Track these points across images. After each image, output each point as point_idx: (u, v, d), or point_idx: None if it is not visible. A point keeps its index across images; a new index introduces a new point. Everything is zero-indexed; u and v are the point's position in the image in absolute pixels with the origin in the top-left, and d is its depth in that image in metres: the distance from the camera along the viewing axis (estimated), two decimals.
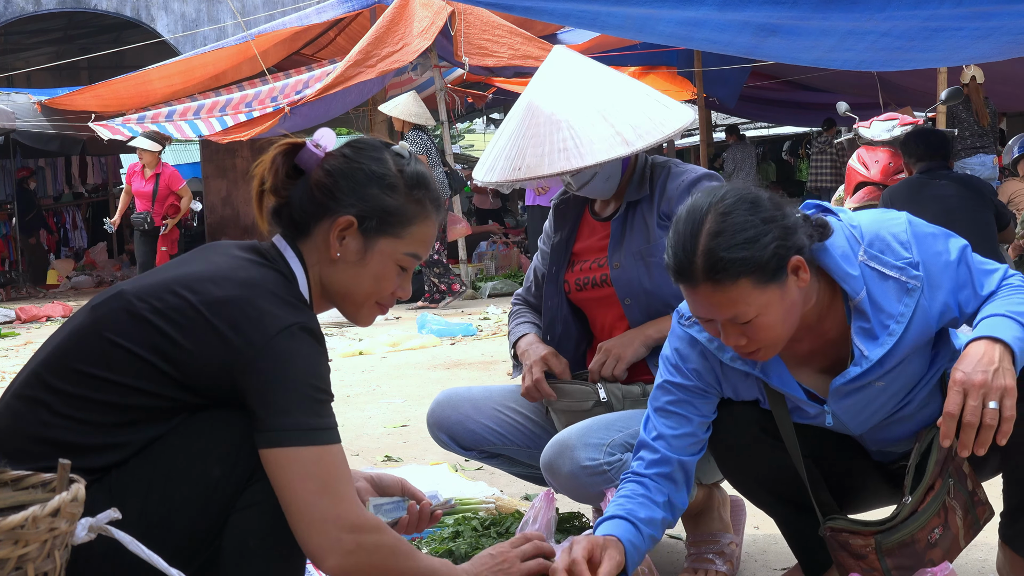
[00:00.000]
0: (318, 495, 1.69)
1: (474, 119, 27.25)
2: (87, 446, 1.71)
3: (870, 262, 2.02)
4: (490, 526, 2.72)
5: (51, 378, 1.74)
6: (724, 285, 1.91)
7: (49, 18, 18.06)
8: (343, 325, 8.94)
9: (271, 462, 1.71)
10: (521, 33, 10.91)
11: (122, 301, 1.77)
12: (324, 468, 1.71)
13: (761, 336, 1.97)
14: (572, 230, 2.76)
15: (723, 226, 1.92)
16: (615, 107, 2.56)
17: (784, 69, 13.79)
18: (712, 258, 1.90)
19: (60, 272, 16.95)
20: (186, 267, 1.85)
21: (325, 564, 1.71)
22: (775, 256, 1.92)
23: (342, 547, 1.70)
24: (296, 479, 1.69)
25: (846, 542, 2.10)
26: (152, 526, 1.68)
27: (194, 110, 11.66)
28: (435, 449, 4.20)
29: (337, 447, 1.74)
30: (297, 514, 1.70)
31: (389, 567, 1.76)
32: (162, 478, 1.71)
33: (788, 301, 1.96)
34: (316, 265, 1.93)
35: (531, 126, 2.56)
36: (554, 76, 2.65)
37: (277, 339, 1.72)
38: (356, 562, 1.72)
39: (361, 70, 10.46)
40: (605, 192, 2.66)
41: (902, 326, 2.01)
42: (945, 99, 8.03)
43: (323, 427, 1.73)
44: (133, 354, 1.72)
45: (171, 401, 1.74)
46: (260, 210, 1.96)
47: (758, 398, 2.18)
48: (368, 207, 1.89)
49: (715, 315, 1.97)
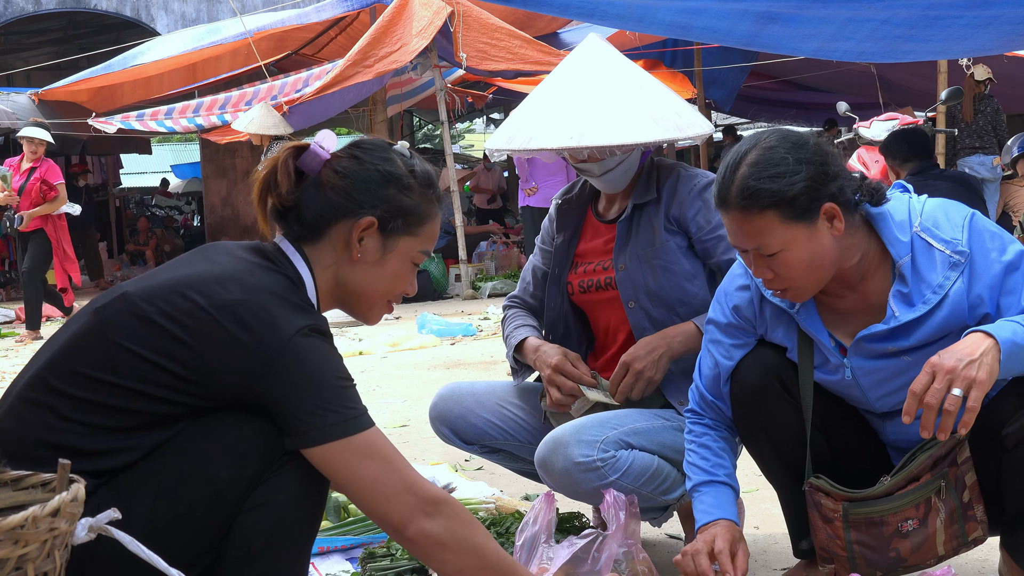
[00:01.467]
0: (386, 472, 1.74)
1: (474, 119, 27.27)
2: (93, 450, 1.70)
3: (921, 233, 2.08)
4: (490, 526, 2.72)
5: (56, 382, 1.72)
6: (751, 213, 2.02)
7: (49, 18, 18.06)
8: (343, 325, 8.94)
9: (325, 458, 1.73)
10: (520, 35, 10.89)
11: (127, 303, 1.75)
12: (380, 448, 1.75)
13: (785, 272, 2.05)
14: (575, 231, 2.75)
15: (761, 158, 2.04)
16: (659, 94, 2.62)
17: (784, 68, 13.79)
18: (743, 185, 2.02)
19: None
20: (190, 268, 1.83)
21: (409, 530, 1.76)
22: (804, 195, 2.01)
23: (423, 511, 1.75)
24: (360, 465, 1.73)
25: (819, 502, 2.14)
26: (160, 528, 1.67)
27: (193, 107, 11.66)
28: (435, 449, 4.20)
29: (377, 428, 1.78)
30: (370, 495, 1.74)
31: (464, 534, 1.80)
32: (171, 481, 1.70)
33: (817, 245, 2.03)
34: (331, 267, 1.93)
35: (584, 97, 2.58)
36: (597, 57, 2.68)
37: (293, 341, 1.72)
38: (438, 526, 1.76)
39: (359, 70, 10.45)
40: (619, 185, 2.66)
41: (938, 296, 2.05)
42: (945, 99, 8.04)
43: (362, 412, 1.76)
44: (141, 357, 1.71)
45: (178, 406, 1.73)
46: (264, 214, 1.96)
47: (788, 346, 2.23)
48: (389, 208, 1.91)
49: (743, 243, 2.07)
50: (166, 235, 20.37)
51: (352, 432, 1.73)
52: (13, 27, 17.89)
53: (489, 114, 22.39)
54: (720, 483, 2.29)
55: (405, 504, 1.75)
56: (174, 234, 21.24)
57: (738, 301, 2.27)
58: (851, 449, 2.25)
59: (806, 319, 2.18)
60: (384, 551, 2.65)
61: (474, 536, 1.82)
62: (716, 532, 2.20)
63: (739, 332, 2.27)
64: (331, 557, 2.78)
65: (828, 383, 2.21)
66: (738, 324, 2.27)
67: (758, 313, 2.25)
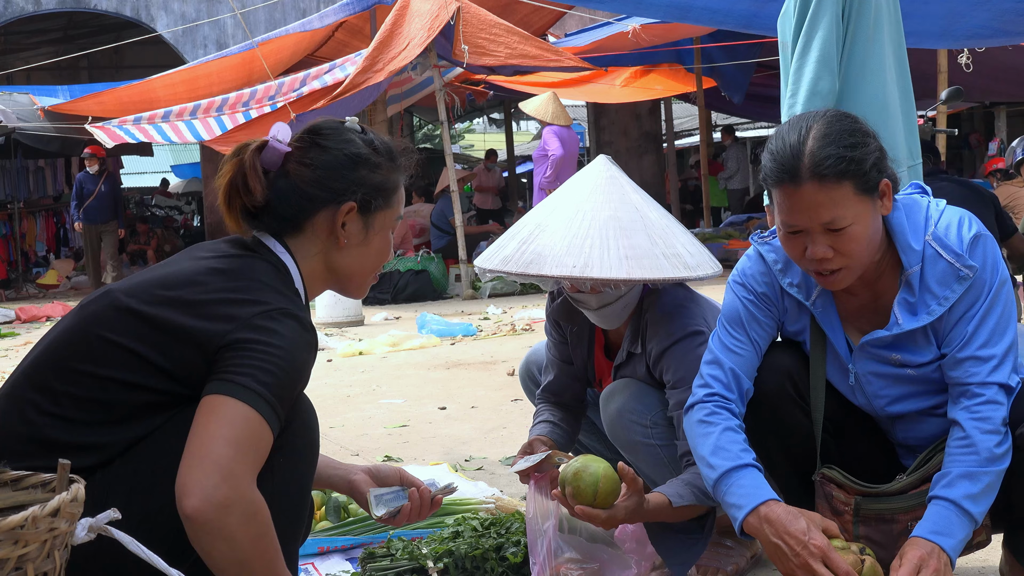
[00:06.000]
0: (225, 444, 1.64)
1: (474, 119, 27.27)
2: (72, 444, 1.71)
3: (933, 242, 2.06)
4: (490, 526, 2.72)
5: (37, 376, 1.76)
6: (829, 184, 1.95)
7: (49, 18, 18.07)
8: (343, 325, 8.95)
9: (204, 405, 1.68)
10: (519, 32, 10.91)
11: (110, 298, 1.79)
12: (248, 431, 1.66)
13: (849, 248, 1.99)
14: (588, 361, 2.73)
15: (831, 129, 1.99)
16: (669, 227, 2.49)
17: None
18: (821, 155, 1.96)
19: (60, 272, 16.94)
20: (175, 265, 1.87)
21: (186, 501, 1.61)
22: (874, 168, 1.99)
23: (214, 495, 1.61)
24: (216, 422, 1.65)
25: (830, 494, 2.14)
26: (138, 525, 1.66)
27: (190, 110, 11.63)
28: (435, 449, 4.20)
29: (270, 434, 1.70)
30: (195, 448, 1.64)
31: (244, 543, 1.64)
32: (147, 476, 1.71)
33: (876, 222, 2.03)
34: (317, 255, 1.94)
35: (591, 226, 2.41)
36: (605, 183, 2.51)
37: (260, 318, 1.74)
38: (216, 516, 1.61)
39: (369, 75, 10.49)
40: (615, 322, 2.56)
41: (943, 308, 2.04)
42: (945, 99, 8.02)
43: (272, 407, 1.70)
44: (117, 344, 1.73)
45: (155, 394, 1.74)
46: (235, 219, 1.95)
47: (803, 340, 2.21)
48: (366, 189, 1.94)
49: (812, 219, 1.98)
50: (166, 235, 20.37)
51: (246, 402, 1.67)
52: (13, 27, 17.90)
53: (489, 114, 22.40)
54: (752, 467, 2.09)
55: (206, 477, 1.62)
56: (174, 234, 21.24)
57: (761, 287, 2.21)
58: (859, 447, 2.24)
59: (823, 315, 2.16)
60: (384, 551, 2.65)
61: (254, 550, 1.66)
62: (811, 518, 2.02)
63: (767, 313, 2.22)
64: (331, 557, 2.78)
65: (835, 384, 2.20)
66: (762, 307, 2.22)
67: (779, 298, 2.22)
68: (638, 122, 16.57)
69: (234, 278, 1.80)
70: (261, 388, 1.69)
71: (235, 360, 1.70)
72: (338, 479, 2.19)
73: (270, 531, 1.68)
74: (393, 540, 2.69)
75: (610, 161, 2.58)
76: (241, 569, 1.65)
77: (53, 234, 19.88)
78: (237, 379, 1.69)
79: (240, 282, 1.79)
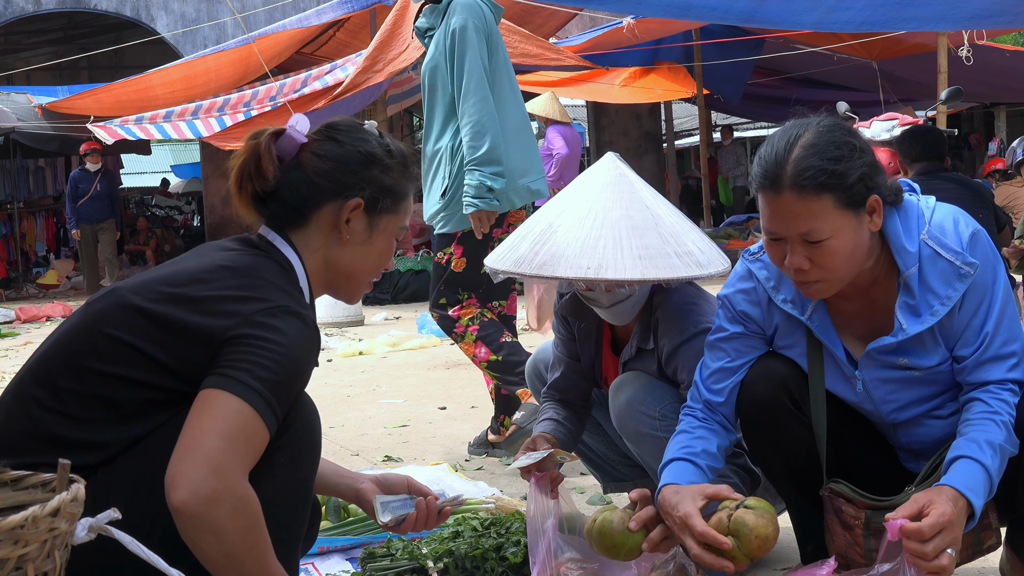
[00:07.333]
0: (217, 437, 1.63)
1: None
2: (75, 441, 1.71)
3: (929, 241, 2.04)
4: (490, 526, 2.72)
5: (42, 373, 1.76)
6: (807, 196, 1.93)
7: (49, 18, 18.05)
8: (343, 325, 8.95)
9: (199, 399, 1.68)
10: (519, 31, 10.90)
11: (116, 296, 1.80)
12: (241, 425, 1.66)
13: (826, 262, 1.98)
14: (596, 359, 2.74)
15: (820, 139, 1.96)
16: (680, 225, 2.49)
17: (786, 64, 13.78)
18: (802, 165, 1.94)
19: (60, 272, 16.93)
20: (182, 263, 1.88)
21: (174, 494, 1.61)
22: (860, 183, 1.96)
23: (202, 488, 1.60)
24: (209, 415, 1.65)
25: (839, 508, 2.12)
26: (138, 524, 1.66)
27: (192, 111, 11.64)
28: (435, 449, 4.20)
29: (265, 430, 1.69)
30: (186, 441, 1.64)
31: (233, 537, 1.63)
32: (148, 475, 1.71)
33: (858, 238, 1.99)
34: (320, 250, 1.94)
35: (602, 226, 2.41)
36: (615, 181, 2.51)
37: (262, 314, 1.74)
38: (204, 510, 1.60)
39: (369, 76, 10.48)
40: (626, 318, 2.58)
41: (947, 308, 2.02)
42: (945, 99, 8.02)
43: (268, 402, 1.69)
44: (121, 341, 1.74)
45: (159, 391, 1.74)
46: (245, 202, 1.95)
47: (796, 353, 2.19)
48: (374, 188, 1.94)
49: (790, 228, 1.97)
50: (166, 235, 20.36)
51: (242, 397, 1.67)
52: (13, 27, 17.88)
53: None
54: (676, 460, 2.19)
55: (195, 470, 1.61)
56: (174, 234, 21.22)
57: (745, 306, 2.21)
58: (861, 458, 2.23)
59: (819, 328, 2.14)
60: (384, 551, 2.65)
61: (243, 544, 1.65)
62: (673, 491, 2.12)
63: (747, 335, 2.23)
64: (331, 557, 2.78)
65: (840, 394, 2.18)
66: (746, 325, 2.22)
67: (765, 315, 2.21)
68: (638, 122, 16.58)
69: (240, 275, 1.80)
70: (257, 383, 1.69)
71: (233, 355, 1.71)
72: (345, 487, 2.17)
73: (259, 524, 1.68)
74: (393, 540, 2.70)
75: (618, 158, 2.58)
76: (230, 562, 1.65)
77: (53, 234, 19.86)
78: (233, 374, 1.69)
79: (246, 279, 1.80)
